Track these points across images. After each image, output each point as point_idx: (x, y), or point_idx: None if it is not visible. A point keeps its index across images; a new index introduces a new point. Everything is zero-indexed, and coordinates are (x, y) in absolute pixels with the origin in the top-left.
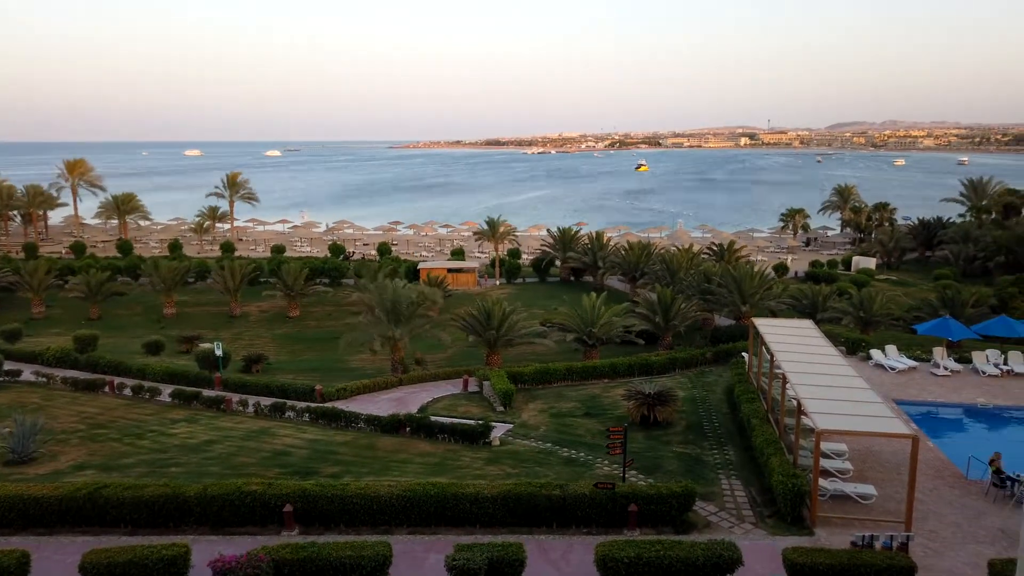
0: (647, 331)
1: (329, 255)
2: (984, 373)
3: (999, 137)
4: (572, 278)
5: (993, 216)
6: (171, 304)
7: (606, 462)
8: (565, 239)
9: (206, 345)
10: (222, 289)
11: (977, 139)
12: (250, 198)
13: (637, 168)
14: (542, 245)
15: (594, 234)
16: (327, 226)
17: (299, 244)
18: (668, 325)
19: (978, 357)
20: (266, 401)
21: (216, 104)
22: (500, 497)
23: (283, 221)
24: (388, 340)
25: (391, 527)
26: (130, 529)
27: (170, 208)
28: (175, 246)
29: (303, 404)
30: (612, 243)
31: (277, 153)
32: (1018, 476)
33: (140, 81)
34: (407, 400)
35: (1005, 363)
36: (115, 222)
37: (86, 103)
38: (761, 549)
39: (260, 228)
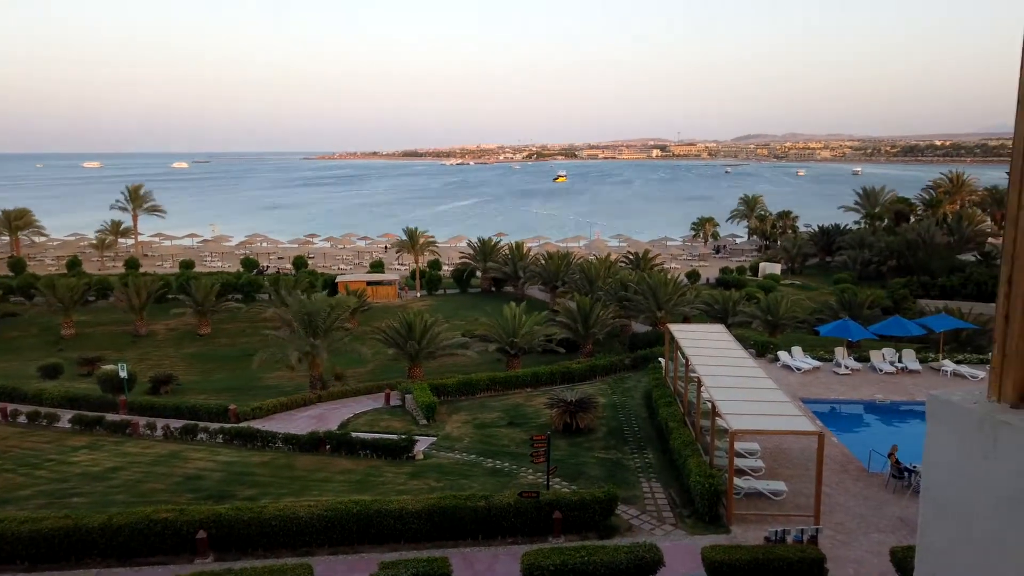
0: (568, 339)
1: (242, 270)
2: (881, 371)
3: (889, 149)
4: (493, 288)
5: (885, 223)
6: (69, 324)
7: (530, 471)
8: (485, 250)
9: (109, 367)
10: (126, 307)
11: (869, 150)
12: (155, 211)
13: (556, 179)
14: (462, 256)
15: (514, 244)
16: (239, 240)
17: (210, 259)
18: (588, 333)
19: (875, 356)
20: (176, 423)
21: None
22: (425, 512)
23: (192, 235)
24: (306, 355)
25: (312, 548)
26: (27, 566)
27: (67, 223)
28: (74, 263)
29: (216, 425)
30: (532, 253)
31: (185, 165)
32: (914, 467)
33: (33, 88)
34: (327, 417)
35: (899, 361)
36: (6, 239)
37: None
38: (681, 549)
39: (167, 243)
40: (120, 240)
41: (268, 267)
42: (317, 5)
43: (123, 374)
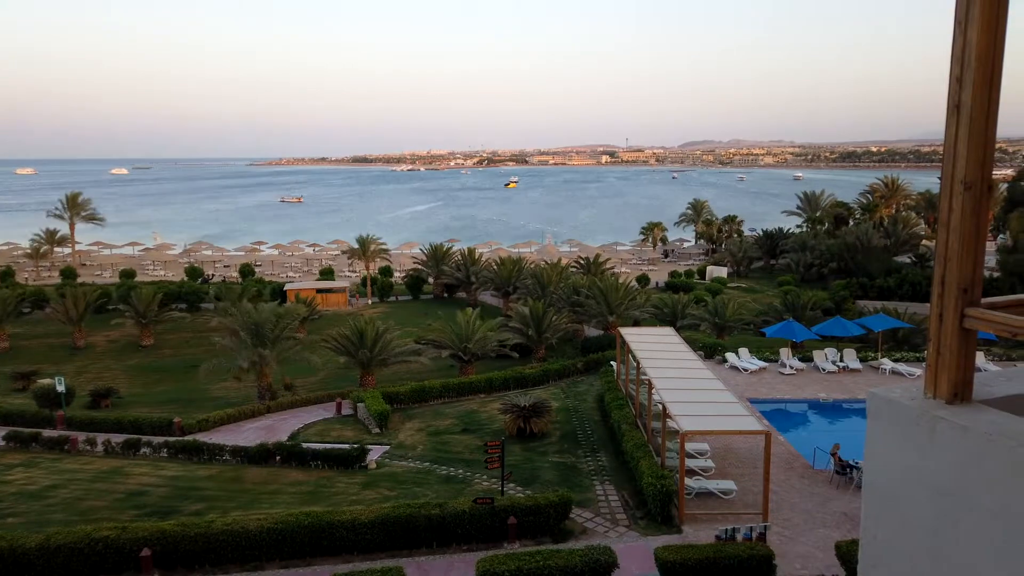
0: (521, 344)
1: (186, 278)
2: (824, 370)
3: (828, 155)
4: (446, 295)
5: (826, 226)
6: (3, 337)
7: (485, 477)
8: (437, 256)
9: (46, 381)
10: (63, 319)
11: (810, 156)
12: (93, 219)
13: (507, 185)
14: (414, 262)
15: (466, 250)
16: (183, 247)
17: (152, 268)
18: (541, 338)
19: (818, 356)
20: (117, 438)
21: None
22: (378, 521)
23: (133, 244)
24: (254, 365)
25: (262, 563)
26: None
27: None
28: (6, 273)
29: (160, 439)
30: (484, 259)
31: (125, 171)
32: (856, 463)
33: None
34: (276, 428)
35: (841, 360)
36: None
37: None
38: (635, 550)
39: (106, 252)
40: (56, 249)
41: (213, 275)
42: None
43: (60, 388)
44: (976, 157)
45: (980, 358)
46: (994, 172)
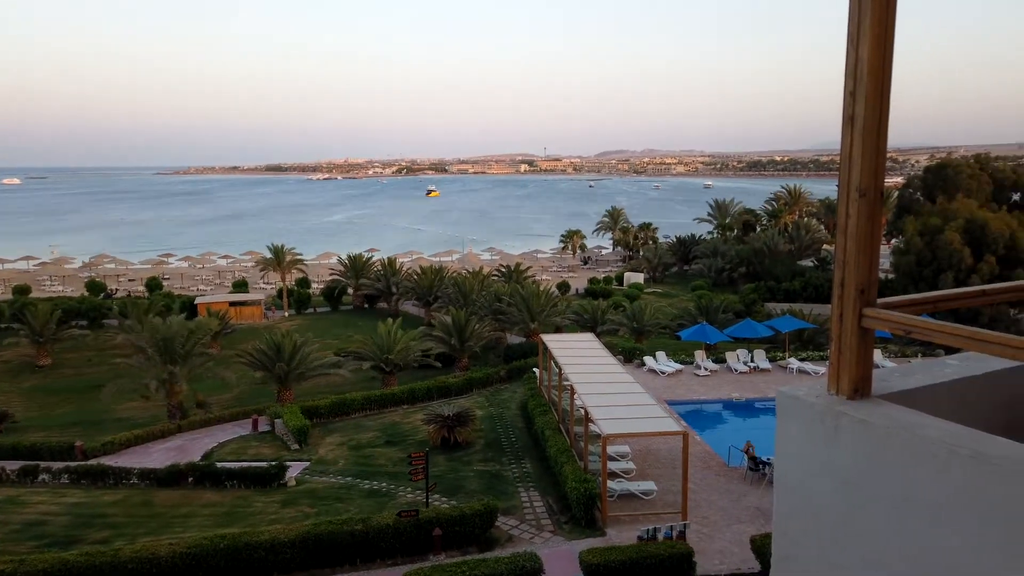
0: (444, 354)
1: (87, 294)
2: (736, 371)
3: (736, 164)
4: (366, 305)
5: (735, 232)
6: None
7: (409, 489)
8: (357, 266)
9: None
10: None
11: (719, 165)
12: None
13: (428, 194)
14: (332, 273)
15: (386, 260)
16: (83, 261)
17: (49, 283)
18: (464, 346)
19: (731, 357)
20: (12, 465)
21: None
22: (299, 540)
23: (27, 258)
24: (163, 383)
25: None
26: None
27: None
28: None
29: (61, 464)
30: (405, 268)
31: (17, 181)
32: (768, 459)
33: None
34: (188, 448)
35: (752, 360)
36: None
37: None
38: (560, 555)
39: None
40: None
41: (117, 290)
42: (172, 8)
43: None
44: (869, 166)
45: (878, 355)
46: (886, 180)
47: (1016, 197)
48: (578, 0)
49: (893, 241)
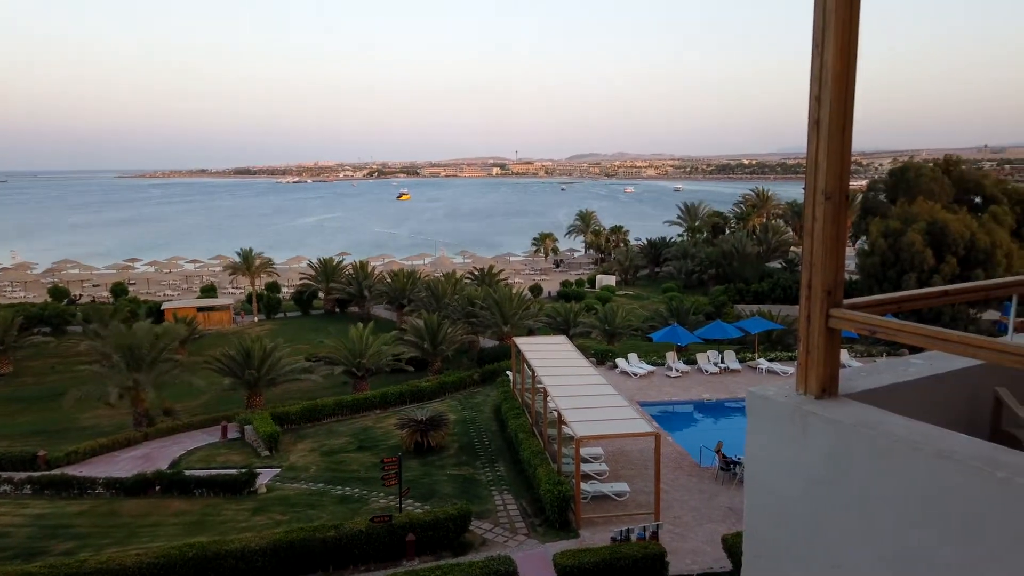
0: (417, 358)
1: (50, 300)
2: (707, 372)
3: (705, 167)
4: (337, 309)
5: (705, 235)
6: None
7: (382, 494)
8: (327, 270)
9: None
10: None
11: (688, 169)
12: None
13: (399, 197)
14: (303, 277)
15: (358, 263)
16: (46, 267)
17: (10, 289)
18: (437, 350)
19: (701, 358)
20: None
21: None
22: (270, 548)
23: None
24: (128, 390)
25: None
26: None
27: None
28: None
29: (23, 474)
30: (376, 272)
31: None
32: (738, 459)
33: None
34: (155, 456)
35: (722, 361)
36: None
37: None
38: (534, 557)
39: None
40: None
41: (81, 296)
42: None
43: None
44: (835, 170)
45: (844, 355)
46: (851, 183)
47: (977, 200)
48: (549, 5)
49: (858, 243)
